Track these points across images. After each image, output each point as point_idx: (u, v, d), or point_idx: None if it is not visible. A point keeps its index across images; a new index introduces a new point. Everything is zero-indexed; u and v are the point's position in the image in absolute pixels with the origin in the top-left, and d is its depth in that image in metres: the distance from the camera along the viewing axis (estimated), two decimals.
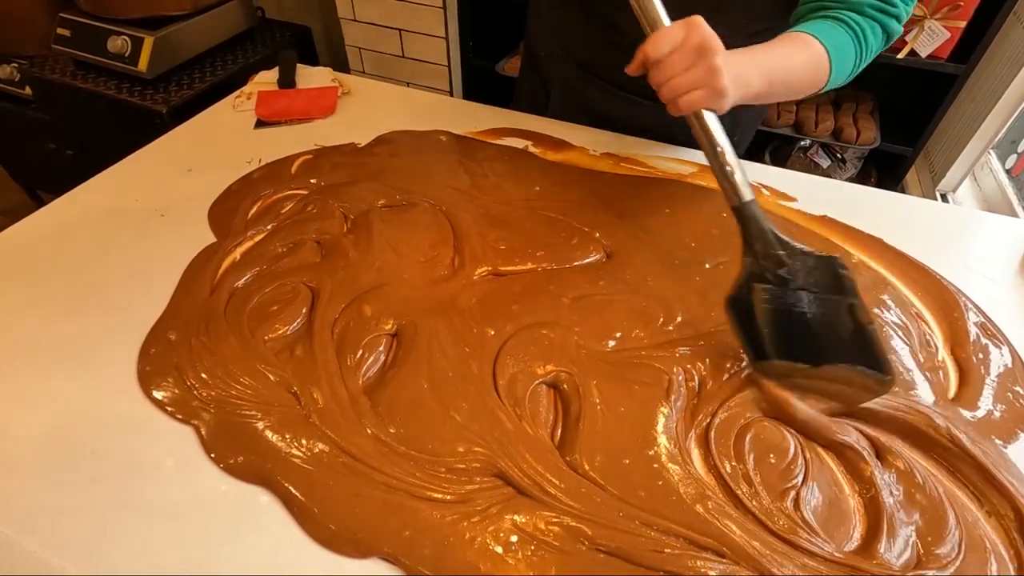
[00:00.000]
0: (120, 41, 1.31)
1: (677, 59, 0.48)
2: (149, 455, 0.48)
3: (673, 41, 0.48)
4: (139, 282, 0.62)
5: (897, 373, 0.50)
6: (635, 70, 0.52)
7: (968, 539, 0.44)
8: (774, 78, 0.55)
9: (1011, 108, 1.18)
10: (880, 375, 0.47)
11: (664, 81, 0.50)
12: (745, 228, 0.51)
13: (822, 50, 0.57)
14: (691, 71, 0.48)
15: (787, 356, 0.49)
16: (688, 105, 0.50)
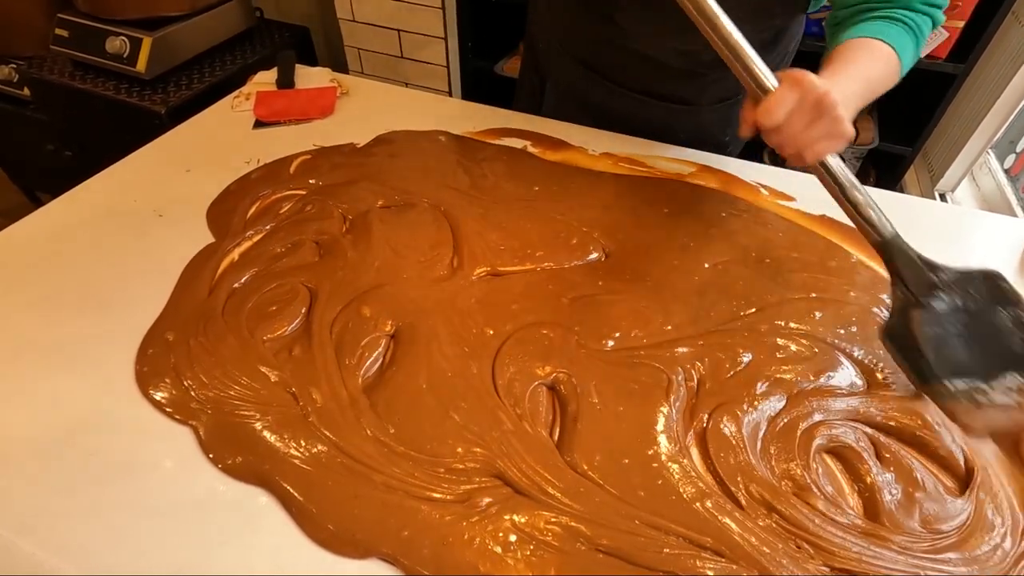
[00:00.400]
0: (118, 42, 1.31)
1: (797, 120, 0.48)
2: (147, 456, 0.48)
3: (787, 106, 0.48)
4: (137, 282, 0.62)
5: None
6: (747, 132, 0.52)
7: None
8: (867, 95, 0.56)
9: (1009, 108, 1.18)
10: None
11: (786, 143, 0.49)
12: (894, 261, 0.51)
13: (892, 53, 0.58)
14: (815, 126, 0.48)
15: (955, 375, 0.48)
16: (816, 157, 0.50)
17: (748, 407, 0.50)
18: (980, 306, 0.49)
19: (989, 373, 0.48)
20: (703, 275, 0.63)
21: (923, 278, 0.50)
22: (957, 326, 0.49)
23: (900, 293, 0.51)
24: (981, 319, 0.49)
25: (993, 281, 0.49)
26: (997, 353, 0.48)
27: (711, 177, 0.79)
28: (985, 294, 0.49)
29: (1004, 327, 0.48)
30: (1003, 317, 0.48)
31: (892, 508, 0.45)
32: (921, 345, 0.49)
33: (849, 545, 0.42)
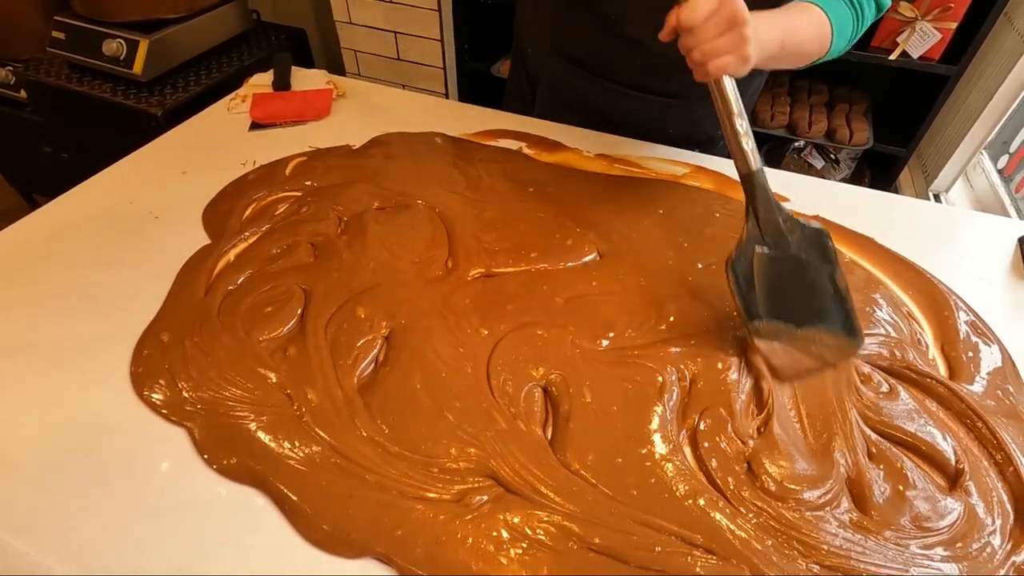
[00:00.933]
0: (115, 44, 1.31)
1: (711, 25, 0.51)
2: (143, 456, 0.48)
3: (708, 9, 0.50)
4: (133, 284, 0.62)
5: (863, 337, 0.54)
6: (667, 35, 0.54)
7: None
8: (786, 41, 0.58)
9: (1002, 109, 1.19)
10: (853, 338, 0.53)
11: (695, 46, 0.52)
12: (752, 194, 0.54)
13: (826, 20, 0.60)
14: (723, 38, 0.50)
15: (777, 317, 0.53)
16: (717, 70, 0.51)
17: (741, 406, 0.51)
18: (808, 258, 0.53)
19: (802, 322, 0.53)
20: (697, 275, 0.64)
21: (772, 220, 0.53)
22: (786, 272, 0.53)
23: (751, 227, 0.54)
24: (806, 271, 0.53)
25: (820, 239, 0.53)
26: (812, 306, 0.53)
27: (705, 178, 0.79)
28: (813, 248, 0.53)
29: (822, 283, 0.53)
30: (823, 273, 0.53)
31: (882, 505, 0.45)
32: (756, 282, 0.53)
33: (840, 543, 0.42)
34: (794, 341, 0.54)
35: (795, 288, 0.54)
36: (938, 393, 0.53)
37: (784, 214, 0.53)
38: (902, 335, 0.58)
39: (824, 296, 0.53)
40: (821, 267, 0.53)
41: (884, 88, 1.51)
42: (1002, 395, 0.54)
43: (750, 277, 0.53)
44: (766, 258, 0.53)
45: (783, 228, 0.53)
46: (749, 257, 0.54)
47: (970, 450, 0.50)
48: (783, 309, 0.53)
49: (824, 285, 0.53)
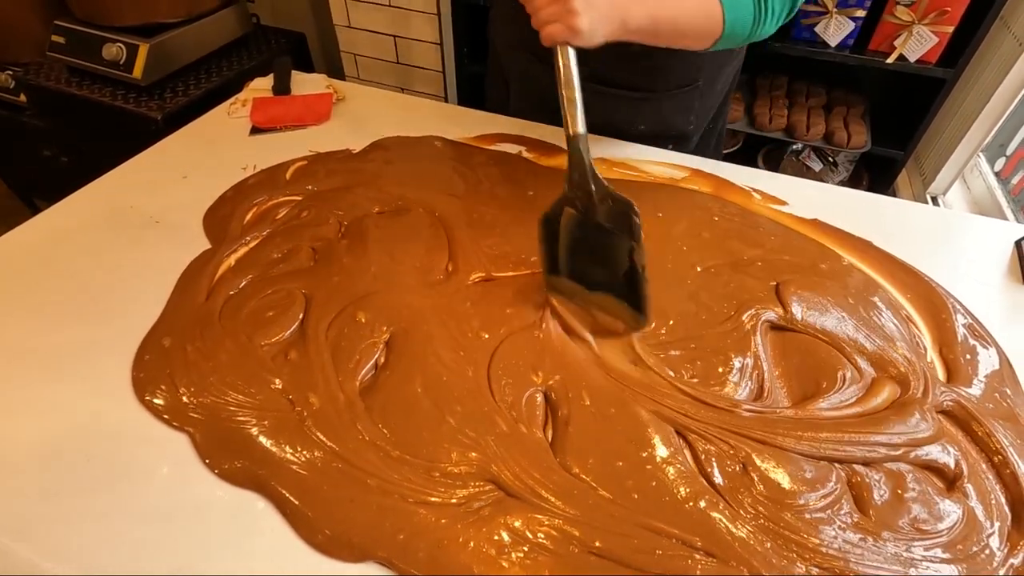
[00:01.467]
0: (115, 48, 1.32)
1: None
2: (144, 461, 0.48)
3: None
4: (134, 289, 0.63)
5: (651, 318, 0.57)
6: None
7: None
8: (659, 15, 0.59)
9: (999, 112, 1.19)
10: (638, 315, 0.56)
11: (532, 14, 0.56)
12: (570, 158, 0.56)
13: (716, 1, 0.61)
14: (551, 7, 0.54)
15: (573, 276, 0.57)
16: (548, 37, 0.54)
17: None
18: (613, 227, 0.55)
19: (594, 287, 0.57)
20: (695, 279, 0.64)
21: (585, 184, 0.55)
22: (589, 238, 0.56)
23: (565, 189, 0.57)
24: (607, 241, 0.55)
25: (628, 214, 0.54)
26: (606, 274, 0.56)
27: (703, 181, 0.80)
28: (620, 220, 0.55)
29: (620, 256, 0.55)
30: (623, 247, 0.55)
31: (881, 507, 0.45)
32: (560, 239, 0.56)
33: (839, 545, 0.42)
34: (584, 302, 0.58)
35: (594, 254, 0.56)
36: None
37: (599, 183, 0.55)
38: (903, 338, 0.59)
39: (619, 268, 0.55)
40: (623, 240, 0.55)
41: (882, 91, 1.52)
42: (1000, 398, 0.54)
43: (555, 233, 0.57)
44: (573, 219, 0.56)
45: (594, 195, 0.55)
46: (558, 214, 0.57)
47: (968, 452, 0.50)
48: (580, 270, 0.57)
49: (621, 258, 0.55)
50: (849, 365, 0.55)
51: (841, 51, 1.30)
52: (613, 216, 0.55)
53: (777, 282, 0.63)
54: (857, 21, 1.27)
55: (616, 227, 0.55)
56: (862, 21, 1.27)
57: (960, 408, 0.53)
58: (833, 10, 1.26)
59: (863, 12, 1.25)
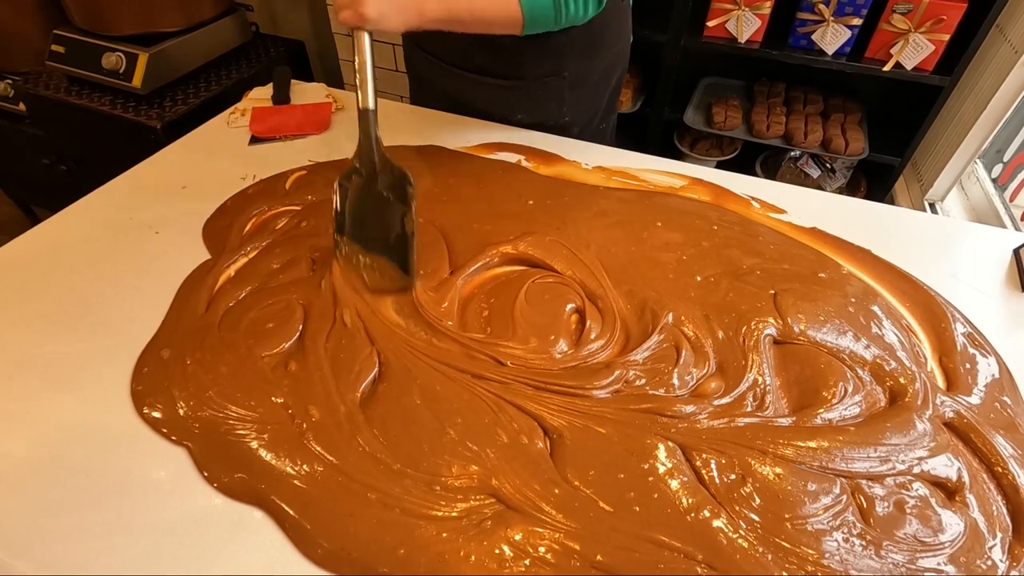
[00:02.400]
0: (114, 57, 1.32)
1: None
2: (143, 475, 0.48)
3: None
4: (133, 300, 0.62)
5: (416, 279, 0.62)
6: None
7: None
8: (455, 6, 0.65)
9: (995, 119, 1.20)
10: (406, 275, 0.61)
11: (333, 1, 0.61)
12: (361, 130, 0.61)
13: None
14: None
15: (353, 237, 0.62)
16: (342, 21, 0.60)
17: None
18: (389, 197, 0.61)
19: (371, 249, 0.62)
20: (696, 289, 0.64)
21: (368, 156, 0.61)
22: (369, 203, 0.61)
23: (354, 158, 0.62)
24: (384, 207, 0.61)
25: (403, 183, 0.61)
26: (381, 237, 0.62)
27: (703, 190, 0.80)
28: (396, 188, 0.61)
29: (393, 221, 0.61)
30: (397, 213, 0.61)
31: (883, 518, 0.45)
32: (346, 203, 0.61)
33: (840, 556, 0.42)
34: (362, 262, 0.62)
35: (372, 219, 0.62)
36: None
37: (382, 156, 0.61)
38: (905, 348, 0.59)
39: (392, 232, 0.61)
40: (396, 207, 0.60)
41: (879, 98, 1.53)
42: (1000, 407, 0.54)
43: (344, 199, 0.62)
44: (357, 186, 0.62)
45: (376, 166, 0.61)
46: (349, 179, 0.62)
47: (970, 463, 0.50)
48: (360, 233, 0.62)
49: (395, 223, 0.61)
50: (849, 375, 0.55)
51: (838, 59, 1.31)
52: (391, 185, 0.61)
53: (775, 291, 0.63)
54: (854, 29, 1.27)
55: (393, 195, 0.61)
56: (859, 29, 1.28)
57: (960, 418, 0.53)
58: (830, 18, 1.27)
59: (859, 20, 1.26)
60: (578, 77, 0.87)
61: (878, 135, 1.42)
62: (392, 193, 0.61)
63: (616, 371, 0.54)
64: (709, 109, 1.52)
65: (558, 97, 0.89)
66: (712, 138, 1.61)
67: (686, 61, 1.44)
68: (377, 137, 0.61)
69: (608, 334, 0.59)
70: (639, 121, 1.61)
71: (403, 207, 0.60)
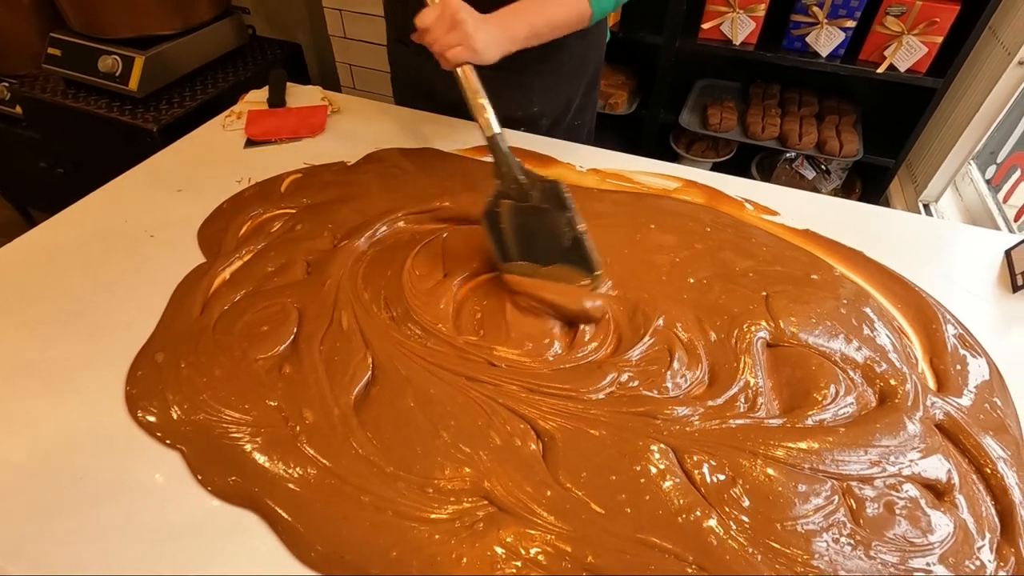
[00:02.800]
0: (111, 60, 1.32)
1: (440, 27, 0.64)
2: (137, 478, 0.48)
3: (432, 15, 0.64)
4: (128, 303, 0.63)
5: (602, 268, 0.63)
6: (417, 36, 0.66)
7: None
8: (536, 23, 0.71)
9: (988, 120, 1.20)
10: (592, 272, 0.62)
11: (432, 43, 0.64)
12: (495, 156, 0.63)
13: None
14: (451, 34, 0.63)
15: (524, 258, 0.63)
16: (454, 58, 0.64)
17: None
18: (548, 207, 0.61)
19: (547, 261, 0.63)
20: (689, 291, 0.64)
21: (513, 176, 0.62)
22: (531, 220, 0.62)
23: (497, 184, 0.63)
24: (546, 218, 0.62)
25: (557, 190, 0.60)
26: (554, 247, 0.62)
27: (697, 192, 0.80)
28: (552, 198, 0.61)
29: (560, 228, 0.61)
30: (561, 220, 0.61)
31: (872, 521, 0.45)
32: (506, 229, 0.62)
33: (830, 557, 0.43)
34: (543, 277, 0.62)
35: (539, 233, 0.62)
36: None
37: (524, 171, 0.62)
38: (896, 349, 0.59)
39: (563, 238, 0.62)
40: (559, 214, 0.61)
41: (873, 100, 1.53)
42: (990, 408, 0.55)
43: (499, 225, 0.62)
44: (512, 208, 0.62)
45: (523, 183, 0.62)
46: (497, 207, 0.62)
47: (959, 464, 0.50)
48: (530, 252, 0.63)
49: (562, 229, 0.61)
50: (841, 377, 0.56)
51: (832, 61, 1.32)
52: (545, 196, 0.61)
53: (768, 293, 0.64)
54: (847, 31, 1.28)
55: (551, 205, 0.61)
56: (852, 31, 1.28)
57: (950, 419, 0.53)
58: (824, 21, 1.28)
59: (853, 22, 1.26)
60: (550, 70, 0.88)
61: (873, 137, 1.43)
62: (549, 203, 0.61)
63: (609, 373, 0.55)
64: (704, 111, 1.52)
65: (530, 89, 0.90)
66: (708, 140, 1.61)
67: (681, 63, 1.44)
68: (514, 159, 0.62)
69: (601, 336, 0.59)
70: (635, 123, 1.61)
71: (566, 213, 0.60)
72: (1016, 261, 0.71)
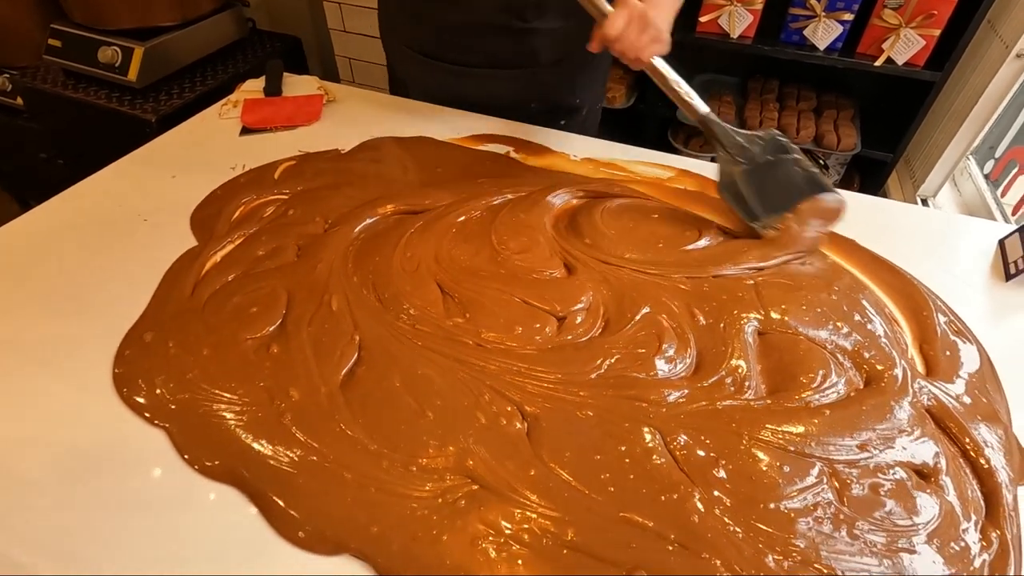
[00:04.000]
0: (111, 51, 1.33)
1: (631, 31, 0.65)
2: (124, 456, 0.48)
3: (623, 20, 0.64)
4: (120, 286, 0.63)
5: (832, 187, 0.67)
6: (597, 48, 0.68)
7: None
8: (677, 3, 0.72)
9: (986, 114, 1.20)
10: (832, 193, 0.66)
11: (626, 51, 0.66)
12: (710, 131, 0.66)
13: None
14: (644, 34, 0.65)
15: (772, 211, 0.67)
16: (649, 57, 0.66)
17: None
18: (774, 158, 0.66)
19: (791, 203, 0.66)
20: (684, 282, 0.64)
21: (735, 142, 0.66)
22: (764, 175, 0.66)
23: (722, 154, 0.67)
24: (778, 168, 0.66)
25: (776, 140, 0.65)
26: (792, 189, 0.66)
27: (690, 181, 0.80)
28: (775, 148, 0.65)
29: (791, 171, 0.66)
30: (788, 163, 0.66)
31: (857, 501, 0.45)
32: (744, 192, 0.67)
33: (812, 536, 0.43)
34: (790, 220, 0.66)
35: (774, 183, 0.66)
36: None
37: (743, 134, 0.66)
38: (884, 335, 0.59)
39: (797, 177, 0.66)
40: (786, 160, 0.65)
41: (871, 94, 1.53)
42: (979, 393, 0.55)
43: (739, 192, 0.67)
44: (744, 172, 0.66)
45: (746, 145, 0.66)
46: (731, 177, 0.67)
47: (946, 447, 0.50)
48: (775, 203, 0.66)
49: (793, 171, 0.65)
50: (829, 361, 0.55)
51: (830, 54, 1.31)
52: (769, 149, 0.65)
53: (759, 280, 0.63)
54: (845, 24, 1.28)
55: (777, 154, 0.65)
56: (850, 24, 1.28)
57: (938, 403, 0.53)
58: (821, 14, 1.27)
59: (851, 15, 1.26)
60: (585, 58, 0.89)
61: (871, 131, 1.42)
62: (775, 153, 0.65)
63: (597, 356, 0.55)
64: None
65: (571, 80, 0.91)
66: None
67: (680, 57, 1.43)
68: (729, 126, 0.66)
69: (590, 320, 0.59)
70: (634, 117, 1.61)
71: (790, 155, 0.64)
72: (1009, 250, 0.71)
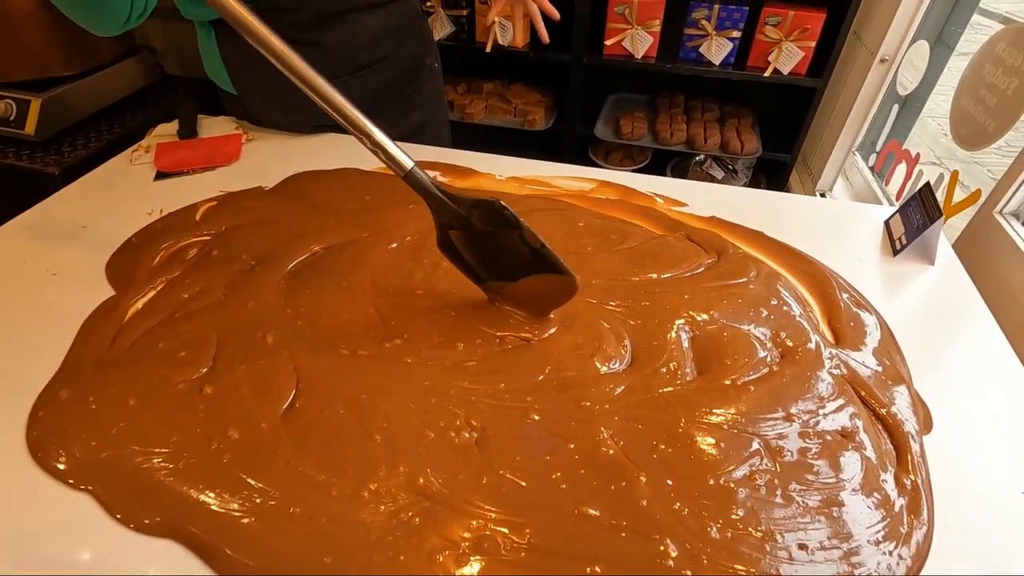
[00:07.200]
0: (3, 105, 1.25)
1: None
2: (46, 526, 0.45)
3: None
4: (30, 345, 0.59)
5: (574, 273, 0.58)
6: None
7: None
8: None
9: (863, 113, 1.34)
10: (567, 276, 0.58)
11: None
12: (419, 191, 0.57)
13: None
14: None
15: (496, 277, 0.61)
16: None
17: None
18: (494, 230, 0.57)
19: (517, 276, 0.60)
20: (608, 282, 0.67)
21: (444, 206, 0.58)
22: (483, 243, 0.59)
23: (435, 218, 0.59)
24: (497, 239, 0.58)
25: (496, 210, 0.56)
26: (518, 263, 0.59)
27: (610, 191, 0.85)
28: (495, 218, 0.57)
29: (516, 245, 0.58)
30: (513, 238, 0.57)
31: (788, 466, 0.49)
32: (465, 256, 0.61)
33: (751, 505, 0.45)
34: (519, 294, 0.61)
35: (497, 253, 0.59)
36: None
37: (455, 199, 0.57)
38: (799, 315, 0.64)
39: (522, 254, 0.58)
40: (509, 233, 0.57)
41: (767, 102, 1.67)
42: (883, 357, 0.60)
43: (459, 254, 0.61)
44: (460, 236, 0.60)
45: (459, 211, 0.57)
46: (449, 240, 0.60)
47: (860, 408, 0.55)
48: (497, 270, 0.61)
49: (518, 246, 0.57)
50: (752, 342, 0.60)
51: (725, 68, 1.44)
52: (488, 219, 0.57)
53: (681, 279, 0.68)
54: (734, 41, 1.40)
55: (494, 227, 0.57)
56: (739, 41, 1.41)
57: (849, 369, 0.58)
58: (712, 32, 1.39)
59: (738, 32, 1.39)
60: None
61: (769, 135, 1.56)
62: (493, 225, 0.56)
63: (537, 361, 0.56)
64: (617, 122, 1.61)
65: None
66: (623, 149, 1.70)
67: (591, 79, 1.53)
68: (438, 187, 0.57)
69: (527, 325, 0.61)
70: (554, 137, 1.68)
71: (515, 230, 0.56)
72: (894, 229, 0.79)
